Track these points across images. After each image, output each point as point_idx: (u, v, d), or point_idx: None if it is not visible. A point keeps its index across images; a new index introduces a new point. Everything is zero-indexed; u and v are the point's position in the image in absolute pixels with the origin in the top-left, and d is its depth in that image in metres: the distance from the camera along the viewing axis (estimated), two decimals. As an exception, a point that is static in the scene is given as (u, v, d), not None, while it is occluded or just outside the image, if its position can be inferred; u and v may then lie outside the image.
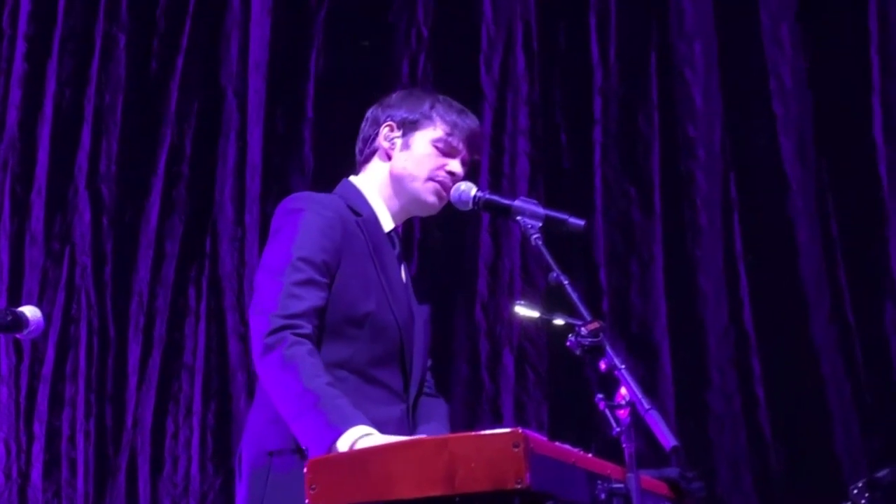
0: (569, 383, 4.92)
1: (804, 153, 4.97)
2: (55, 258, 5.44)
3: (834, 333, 4.81)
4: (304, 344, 2.83)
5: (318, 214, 3.00)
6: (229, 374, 5.28)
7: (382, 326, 3.02)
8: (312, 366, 2.80)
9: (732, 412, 4.84)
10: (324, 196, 3.11)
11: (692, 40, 5.14)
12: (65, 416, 5.32)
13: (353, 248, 3.02)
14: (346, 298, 2.97)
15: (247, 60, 5.50)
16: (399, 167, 3.16)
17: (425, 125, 3.17)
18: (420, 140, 3.17)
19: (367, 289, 3.01)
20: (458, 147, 3.17)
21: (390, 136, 3.19)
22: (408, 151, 3.17)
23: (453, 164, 3.16)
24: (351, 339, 2.97)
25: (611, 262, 5.04)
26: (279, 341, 2.82)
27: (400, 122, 3.19)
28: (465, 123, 3.19)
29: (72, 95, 5.57)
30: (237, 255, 5.37)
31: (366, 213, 3.11)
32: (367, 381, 2.98)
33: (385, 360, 3.02)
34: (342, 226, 3.02)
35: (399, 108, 3.21)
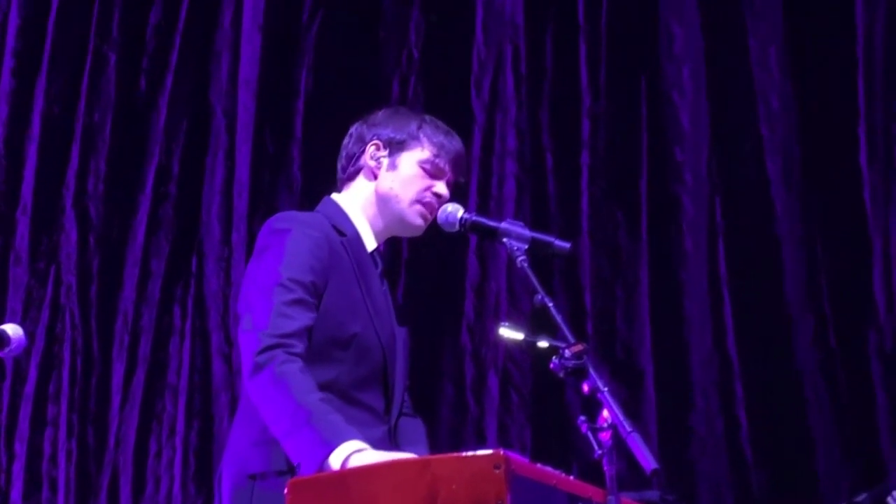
0: (552, 406, 4.91)
1: (790, 178, 4.99)
2: (40, 277, 5.42)
3: (816, 358, 4.82)
4: (296, 362, 2.82)
5: (305, 234, 2.99)
6: (213, 394, 5.26)
7: (367, 348, 3.01)
8: (305, 382, 2.79)
9: (715, 435, 4.84)
10: (309, 215, 3.11)
11: (681, 64, 5.16)
12: (47, 436, 5.30)
13: (339, 268, 3.01)
14: (332, 320, 2.97)
15: (236, 78, 5.50)
16: (385, 187, 3.16)
17: (412, 146, 3.18)
18: (407, 161, 3.16)
19: (353, 310, 3.01)
20: (445, 169, 3.17)
21: (377, 154, 3.19)
22: (394, 172, 3.16)
23: (440, 185, 3.16)
24: (336, 360, 2.97)
25: (596, 285, 5.04)
26: (270, 359, 2.80)
27: (387, 141, 3.19)
28: (452, 145, 3.20)
29: (61, 113, 5.56)
30: (223, 274, 5.36)
31: (350, 232, 3.10)
32: (351, 403, 2.97)
33: (368, 381, 3.02)
34: (328, 246, 3.01)
35: (386, 127, 3.21)
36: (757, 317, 4.91)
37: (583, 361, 2.65)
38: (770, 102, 5.04)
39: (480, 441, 5.00)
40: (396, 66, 5.39)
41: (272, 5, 5.53)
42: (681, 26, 5.17)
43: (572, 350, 2.66)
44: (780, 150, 5.01)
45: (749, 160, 5.03)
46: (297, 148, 5.41)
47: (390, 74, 5.39)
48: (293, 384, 2.77)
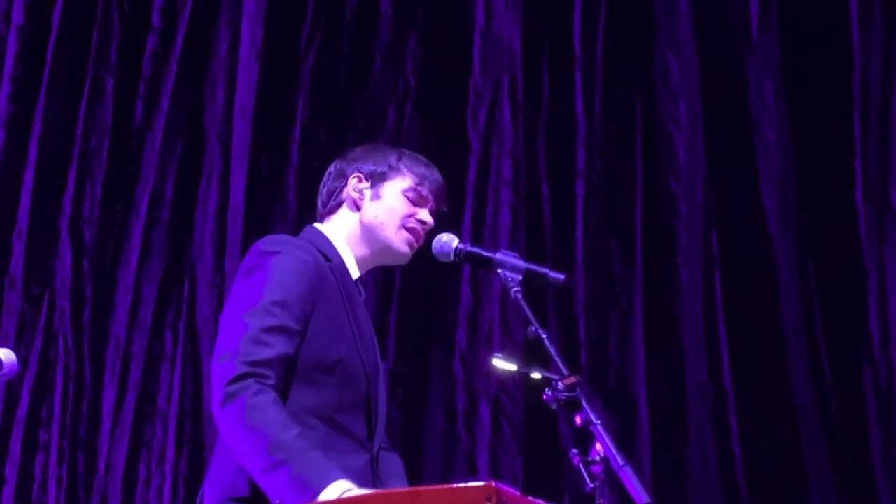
0: (544, 437, 4.90)
1: (786, 212, 5.00)
2: (34, 302, 5.40)
3: (811, 392, 4.82)
4: (269, 393, 2.77)
5: (293, 257, 2.98)
6: (203, 421, 5.24)
7: (352, 374, 2.99)
8: (279, 416, 2.75)
9: (709, 469, 4.83)
10: (296, 240, 3.09)
11: (677, 97, 5.17)
12: (37, 462, 5.27)
13: (327, 292, 3.00)
14: (319, 344, 2.94)
15: (232, 105, 5.50)
16: (370, 216, 3.17)
17: (394, 176, 3.19)
18: (390, 190, 3.18)
19: (339, 335, 2.99)
20: (428, 197, 3.19)
21: (359, 186, 3.20)
22: (378, 201, 3.17)
23: (423, 213, 3.17)
24: (321, 385, 2.94)
25: (590, 315, 5.04)
26: (242, 389, 2.76)
27: (368, 173, 3.20)
28: (433, 175, 3.22)
29: (58, 139, 5.55)
30: (215, 300, 5.34)
31: (335, 259, 3.10)
32: (335, 430, 2.94)
33: (353, 408, 2.99)
34: (317, 269, 3.00)
35: (366, 162, 3.22)
36: (752, 350, 4.91)
37: (576, 394, 2.65)
38: (766, 136, 5.05)
39: (472, 472, 4.98)
40: (392, 94, 5.40)
41: (270, 33, 5.54)
42: (677, 59, 5.19)
43: (565, 382, 2.65)
44: (776, 183, 5.02)
45: (745, 193, 5.04)
46: (292, 175, 5.41)
47: (386, 102, 5.40)
48: (267, 418, 2.73)
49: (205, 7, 5.61)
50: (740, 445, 4.80)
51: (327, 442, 2.86)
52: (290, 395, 2.88)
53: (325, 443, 2.85)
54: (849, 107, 4.97)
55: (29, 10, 5.62)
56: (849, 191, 4.90)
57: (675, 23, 5.25)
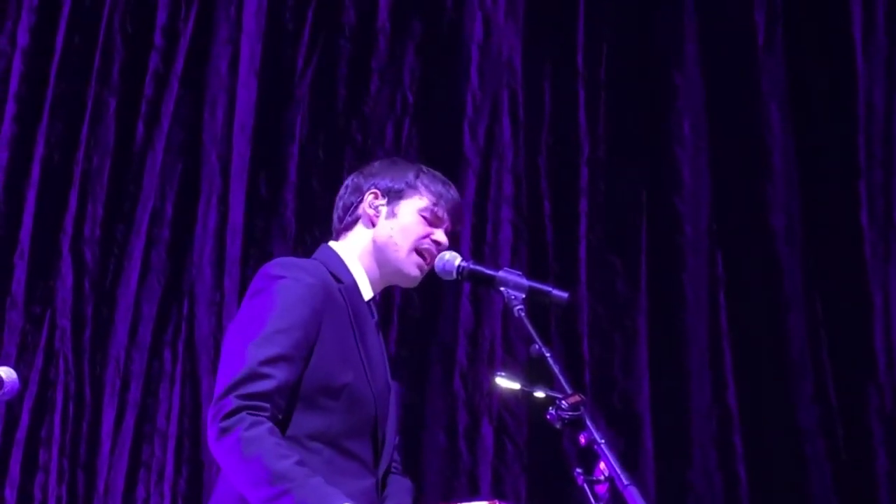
0: (547, 456, 4.88)
1: (791, 233, 4.99)
2: (35, 322, 5.40)
3: (816, 415, 4.80)
4: (263, 424, 2.78)
5: (299, 282, 2.95)
6: (202, 440, 5.22)
7: (358, 398, 2.97)
8: (276, 445, 2.75)
9: (713, 491, 4.81)
10: (307, 262, 3.07)
11: (682, 115, 5.17)
12: (37, 482, 5.25)
13: (335, 315, 2.98)
14: (324, 369, 2.92)
15: (232, 123, 5.50)
16: (384, 235, 3.14)
17: (411, 195, 3.16)
18: (406, 209, 3.15)
19: (346, 359, 2.97)
20: (444, 217, 3.16)
21: (375, 203, 3.17)
22: (394, 220, 3.15)
23: (439, 234, 3.15)
24: (325, 409, 2.92)
25: (593, 334, 5.02)
26: (236, 423, 2.76)
27: (385, 190, 3.17)
28: (450, 194, 3.19)
29: (60, 159, 5.56)
30: (215, 319, 5.33)
31: (347, 280, 3.07)
32: (340, 454, 2.92)
33: (358, 432, 2.98)
34: (324, 293, 2.97)
35: (383, 178, 3.19)
36: (757, 371, 4.90)
37: (580, 413, 2.64)
38: (771, 158, 5.05)
39: (473, 491, 4.96)
40: (391, 110, 5.40)
41: (269, 51, 5.54)
42: (682, 78, 5.19)
43: (569, 401, 2.65)
44: (781, 205, 5.02)
45: (750, 214, 5.04)
46: (291, 193, 5.41)
47: (384, 118, 5.40)
48: (264, 450, 2.73)
49: (205, 25, 5.62)
50: (745, 467, 4.78)
51: (332, 465, 2.85)
52: (293, 419, 2.88)
53: (330, 466, 2.84)
54: (853, 128, 4.97)
55: (34, 32, 5.63)
56: (853, 212, 4.89)
57: (680, 41, 5.25)
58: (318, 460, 2.82)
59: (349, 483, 2.82)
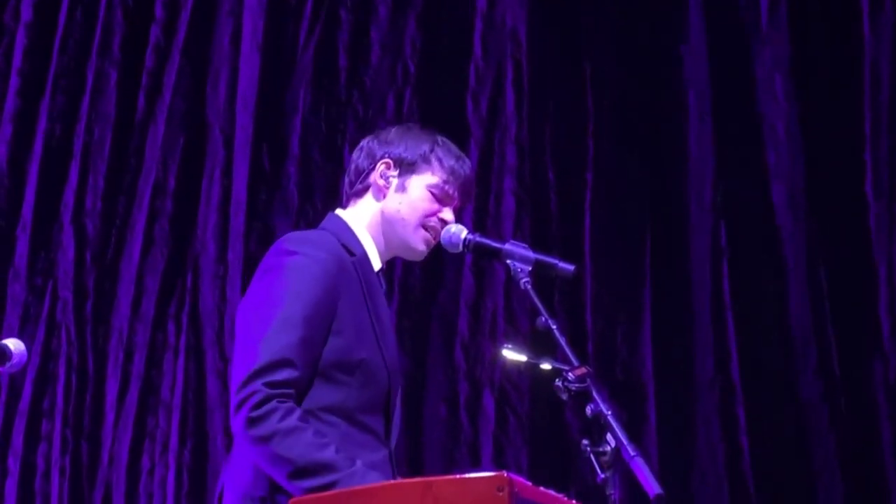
0: (549, 428, 4.90)
1: (795, 205, 4.99)
2: (37, 293, 5.40)
3: (820, 387, 4.81)
4: (295, 411, 2.79)
5: (312, 259, 2.93)
6: (207, 412, 5.24)
7: (373, 373, 2.97)
8: (315, 434, 2.77)
9: (716, 462, 4.83)
10: (319, 235, 3.05)
11: (686, 88, 5.16)
12: (40, 452, 5.27)
13: (349, 291, 2.96)
14: (340, 345, 2.92)
15: (234, 97, 5.50)
16: (392, 209, 3.12)
17: (423, 169, 3.13)
18: (416, 184, 3.12)
19: (361, 335, 2.96)
20: (453, 195, 3.14)
21: (386, 174, 3.13)
22: (403, 194, 3.12)
23: (446, 212, 3.12)
24: (341, 384, 2.92)
25: (597, 306, 5.03)
26: (269, 413, 2.77)
27: (397, 160, 3.13)
28: (462, 170, 3.16)
29: (62, 132, 5.55)
30: (219, 292, 5.34)
31: (359, 252, 3.05)
32: (355, 427, 2.92)
33: (372, 406, 2.98)
34: (338, 268, 2.96)
35: (398, 146, 3.15)
36: (760, 343, 4.91)
37: (586, 384, 2.64)
38: (776, 129, 5.04)
39: (475, 463, 4.98)
40: (392, 81, 5.39)
41: (271, 24, 5.53)
42: (687, 49, 5.19)
43: (576, 373, 2.65)
44: (785, 176, 5.02)
45: (754, 185, 5.04)
46: (293, 166, 5.40)
47: (386, 89, 5.39)
48: (304, 441, 2.75)
49: (206, -2, 5.62)
50: (748, 439, 4.79)
51: (348, 438, 2.86)
52: (310, 393, 2.88)
53: (347, 439, 2.85)
54: (858, 99, 4.96)
55: (37, 7, 5.61)
56: (858, 183, 4.89)
57: (684, 13, 5.23)
58: (334, 433, 2.84)
59: (365, 455, 2.84)
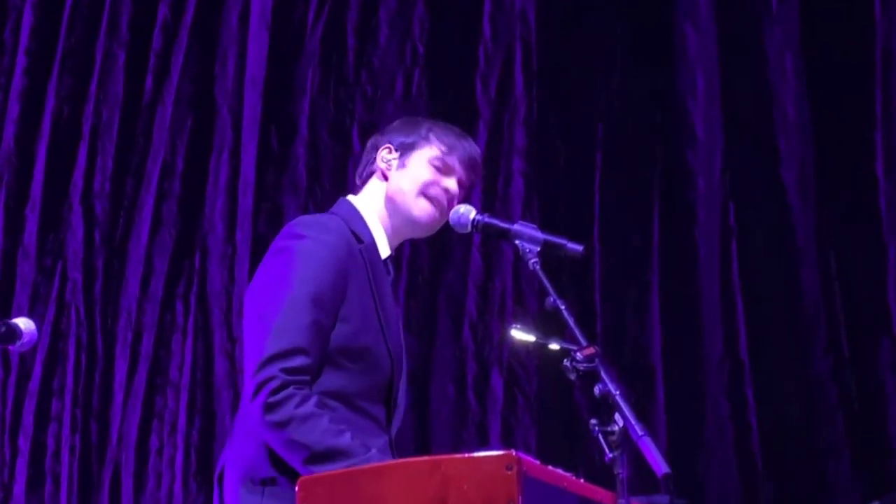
0: (557, 408, 4.91)
1: (805, 185, 4.98)
2: (47, 274, 5.42)
3: (829, 366, 4.81)
4: (311, 397, 2.82)
5: (322, 243, 2.96)
6: (215, 392, 5.26)
7: (375, 360, 2.99)
8: (331, 421, 2.80)
9: (725, 441, 4.83)
10: (329, 219, 3.07)
11: (695, 68, 5.15)
12: (50, 431, 5.29)
13: (356, 276, 2.99)
14: (346, 330, 2.95)
15: (243, 77, 5.50)
16: (395, 186, 3.15)
17: (422, 146, 3.17)
18: (417, 159, 3.16)
19: (365, 321, 2.99)
20: (455, 167, 3.16)
21: (387, 157, 3.18)
22: (404, 170, 3.16)
23: (448, 181, 3.14)
24: (343, 369, 2.95)
25: (606, 287, 5.03)
26: (286, 399, 2.80)
27: (398, 144, 3.19)
28: (463, 145, 3.19)
29: (70, 112, 5.56)
30: (226, 272, 5.35)
31: (367, 240, 3.08)
32: (357, 412, 2.95)
33: (373, 392, 3.00)
34: (347, 252, 2.99)
35: (398, 133, 3.22)
36: (769, 323, 4.91)
37: (595, 364, 2.64)
38: (785, 109, 5.03)
39: (483, 442, 4.99)
40: (401, 61, 5.39)
41: (279, 4, 5.53)
42: (695, 30, 5.17)
43: (584, 353, 2.65)
44: (795, 157, 5.00)
45: (763, 166, 5.03)
46: (302, 147, 5.41)
47: (394, 70, 5.39)
48: (320, 427, 2.79)
49: (215, -23, 5.61)
50: (757, 418, 4.80)
51: (350, 423, 2.88)
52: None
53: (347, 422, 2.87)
54: (869, 79, 4.94)
55: (44, -14, 5.63)
56: (869, 163, 4.88)
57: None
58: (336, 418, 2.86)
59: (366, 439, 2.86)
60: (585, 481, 2.60)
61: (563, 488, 2.49)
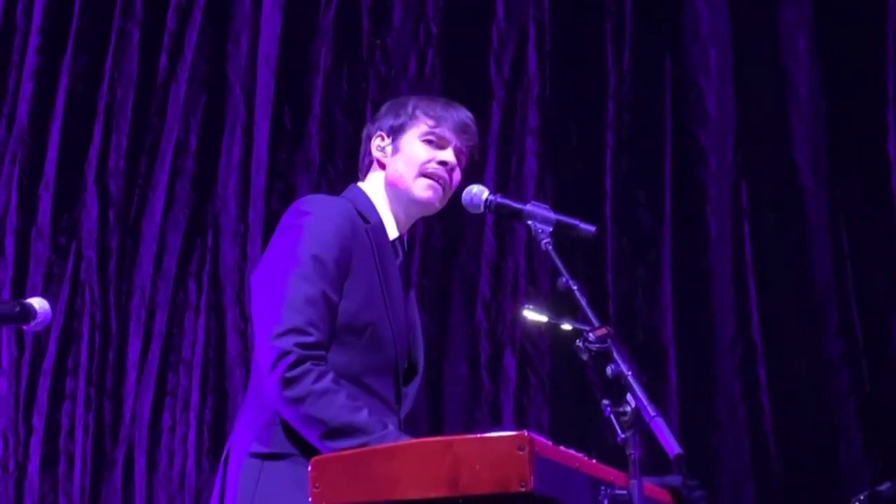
0: (570, 388, 4.91)
1: (817, 165, 4.97)
2: (61, 253, 5.43)
3: (841, 347, 4.81)
4: (328, 373, 2.84)
5: (324, 220, 2.98)
6: (227, 370, 5.27)
7: (379, 338, 3.01)
8: (348, 397, 2.82)
9: (737, 422, 4.83)
10: (335, 199, 3.10)
11: (707, 47, 5.14)
12: (64, 410, 5.31)
13: (361, 254, 3.01)
14: (349, 307, 2.96)
15: (256, 56, 5.50)
16: (393, 171, 3.16)
17: (410, 126, 3.17)
18: (408, 140, 3.16)
19: (370, 299, 3.00)
20: (447, 136, 3.15)
21: (381, 145, 3.20)
22: (398, 154, 3.17)
23: (443, 154, 3.14)
24: (348, 346, 2.96)
25: (617, 267, 5.03)
26: (304, 374, 2.82)
27: (388, 129, 3.20)
28: (450, 114, 3.17)
29: (84, 91, 5.56)
30: (239, 250, 5.36)
31: (374, 220, 3.09)
32: (363, 390, 2.96)
33: (380, 371, 3.01)
34: (352, 230, 3.00)
35: (386, 118, 3.22)
36: (781, 304, 4.90)
37: (607, 345, 2.64)
38: (797, 87, 5.01)
39: (495, 422, 5.00)
40: (414, 42, 5.38)
41: (292, -18, 5.53)
42: (708, 7, 5.15)
43: (596, 333, 2.65)
44: (807, 136, 4.99)
45: (776, 146, 5.01)
46: (315, 125, 5.41)
47: (408, 50, 5.38)
48: (337, 403, 2.80)
49: (228, -43, 5.60)
50: (769, 399, 4.80)
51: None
52: None
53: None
54: (882, 57, 4.91)
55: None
56: (881, 142, 4.86)
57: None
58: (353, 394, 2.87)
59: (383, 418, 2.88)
60: (597, 462, 2.60)
61: (575, 468, 2.49)
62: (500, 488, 2.33)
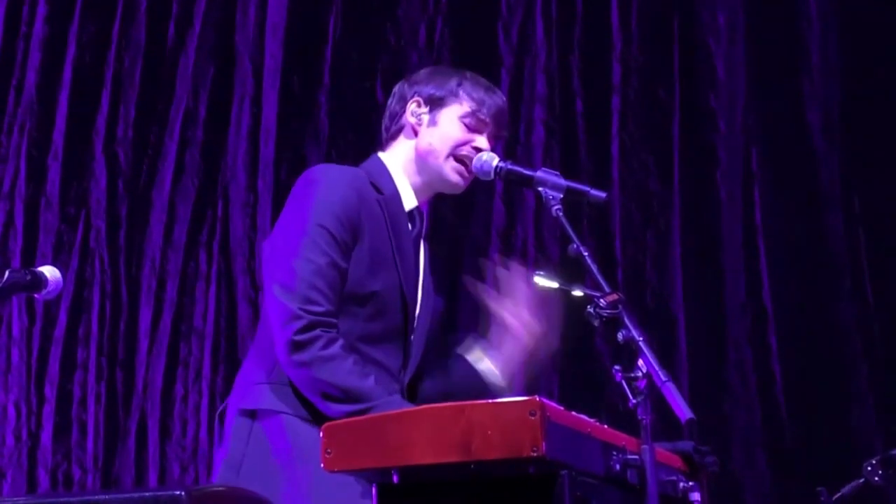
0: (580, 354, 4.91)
1: (829, 129, 4.94)
2: (70, 222, 5.44)
3: (853, 312, 4.80)
4: (337, 340, 2.89)
5: (334, 188, 3.01)
6: (238, 339, 5.29)
7: (384, 307, 3.03)
8: (355, 364, 2.87)
9: (748, 388, 4.83)
10: (346, 169, 3.12)
11: (716, 9, 5.11)
12: (76, 379, 5.33)
13: (370, 223, 3.03)
14: (354, 276, 2.99)
15: (264, 25, 5.48)
16: (425, 143, 3.16)
17: (452, 102, 3.17)
18: (447, 117, 3.16)
19: (378, 268, 3.02)
20: (486, 121, 3.16)
21: (417, 112, 3.18)
22: (434, 128, 3.16)
23: (480, 139, 3.15)
24: (349, 314, 2.99)
25: (626, 233, 5.02)
26: (313, 340, 2.87)
27: (427, 98, 3.18)
28: (493, 100, 3.18)
29: (92, 59, 5.55)
30: (249, 220, 5.37)
31: (388, 190, 3.11)
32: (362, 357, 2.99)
33: (383, 338, 3.04)
34: (359, 200, 3.02)
35: (427, 85, 3.20)
36: (792, 269, 4.89)
37: (618, 311, 2.65)
38: (811, 53, 4.99)
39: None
40: (424, 11, 5.36)
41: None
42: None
43: (607, 299, 2.66)
44: (819, 100, 4.96)
45: (787, 109, 4.99)
46: (324, 95, 5.40)
47: (417, 19, 5.36)
48: (344, 370, 2.85)
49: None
50: (780, 365, 4.80)
51: None
52: None
53: None
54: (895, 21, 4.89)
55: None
56: (894, 107, 4.84)
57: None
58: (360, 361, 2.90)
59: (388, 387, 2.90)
60: (608, 427, 2.60)
61: (586, 434, 2.49)
62: (512, 453, 2.33)
